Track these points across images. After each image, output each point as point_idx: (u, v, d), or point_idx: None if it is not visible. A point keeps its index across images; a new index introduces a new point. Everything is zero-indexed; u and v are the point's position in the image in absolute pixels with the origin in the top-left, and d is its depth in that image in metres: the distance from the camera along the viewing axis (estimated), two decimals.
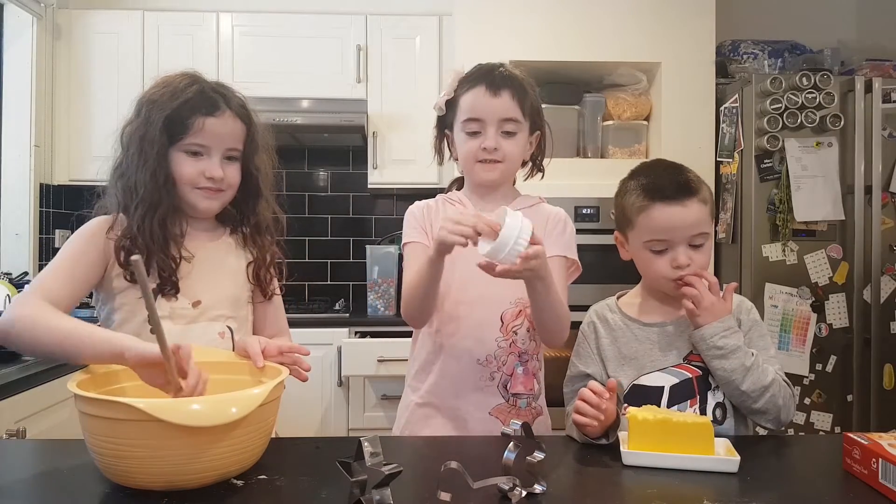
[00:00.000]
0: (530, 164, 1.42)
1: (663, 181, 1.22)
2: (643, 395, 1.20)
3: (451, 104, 1.36)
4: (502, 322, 1.32)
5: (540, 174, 1.44)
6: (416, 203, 1.42)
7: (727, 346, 1.14)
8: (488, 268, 1.12)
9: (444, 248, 1.15)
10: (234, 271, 1.26)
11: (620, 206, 1.28)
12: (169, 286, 1.16)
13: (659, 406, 1.18)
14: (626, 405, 1.21)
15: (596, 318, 1.31)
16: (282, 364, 1.09)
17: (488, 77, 1.33)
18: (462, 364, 1.32)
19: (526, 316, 1.32)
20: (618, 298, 1.34)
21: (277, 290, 1.34)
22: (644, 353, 1.24)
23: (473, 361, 1.31)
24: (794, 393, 1.19)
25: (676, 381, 1.21)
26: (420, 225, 1.37)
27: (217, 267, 1.24)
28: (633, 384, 1.23)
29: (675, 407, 1.19)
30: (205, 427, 0.82)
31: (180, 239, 1.20)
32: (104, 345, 0.98)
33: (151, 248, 1.14)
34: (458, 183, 1.47)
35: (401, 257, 1.56)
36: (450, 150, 1.42)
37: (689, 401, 1.20)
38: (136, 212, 1.15)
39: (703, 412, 1.19)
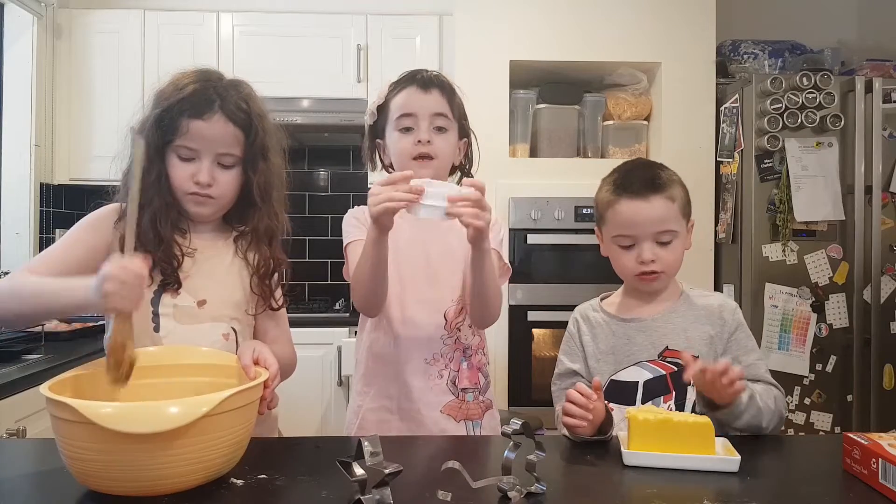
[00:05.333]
0: (459, 173, 1.43)
1: (632, 177, 1.24)
2: (619, 391, 1.22)
3: (381, 110, 1.38)
4: (446, 320, 1.35)
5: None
6: (356, 207, 1.43)
7: (741, 410, 1.12)
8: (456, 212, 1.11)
9: (381, 217, 1.14)
10: (238, 274, 1.24)
11: (595, 202, 1.31)
12: (171, 281, 1.16)
13: (634, 402, 1.21)
14: (606, 402, 1.21)
15: (579, 316, 1.34)
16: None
17: (417, 76, 1.36)
18: (410, 365, 1.34)
19: (467, 312, 1.35)
20: (602, 299, 1.36)
21: (281, 302, 1.29)
22: (620, 347, 1.26)
23: (421, 361, 1.34)
24: (780, 388, 1.21)
25: (650, 376, 1.23)
26: (363, 224, 1.36)
27: (221, 268, 1.23)
28: (611, 379, 1.25)
29: (650, 402, 1.21)
30: (135, 434, 0.78)
31: (182, 235, 1.18)
32: (70, 296, 1.01)
33: (147, 247, 1.12)
34: None
35: None
36: (381, 159, 1.44)
37: (663, 396, 1.21)
38: (128, 208, 1.13)
39: (680, 408, 1.21)
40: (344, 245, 1.39)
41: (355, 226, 1.38)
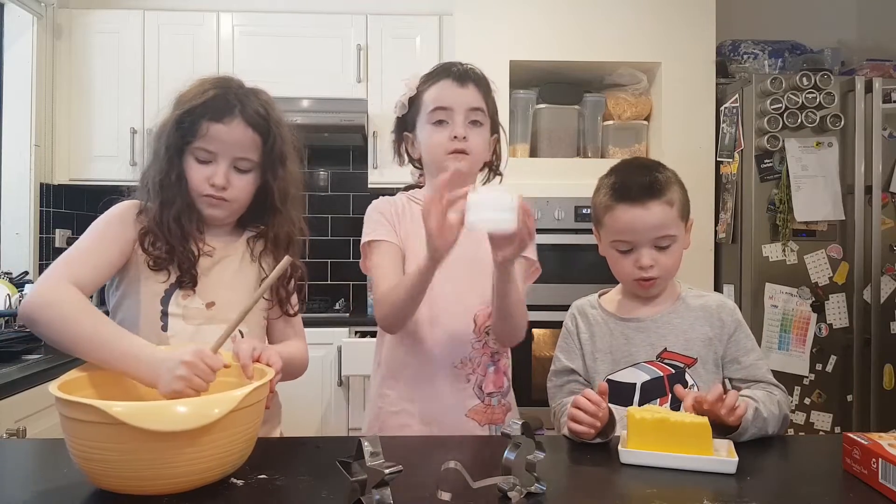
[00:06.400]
0: (487, 169, 1.39)
1: (629, 182, 1.22)
2: (616, 392, 1.21)
3: (413, 102, 1.35)
4: (475, 324, 1.32)
5: (498, 178, 1.42)
6: (381, 199, 1.37)
7: (746, 428, 1.09)
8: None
9: (438, 255, 1.10)
10: (249, 278, 1.24)
11: (593, 204, 1.29)
12: (188, 279, 1.16)
13: (630, 403, 1.20)
14: None
15: (577, 313, 1.33)
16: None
17: (454, 69, 1.32)
18: (437, 368, 1.31)
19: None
20: (600, 296, 1.35)
21: (297, 308, 1.28)
22: (618, 347, 1.26)
23: (449, 365, 1.31)
24: (782, 387, 1.20)
25: (648, 378, 1.22)
26: (389, 221, 1.33)
27: (233, 271, 1.23)
28: (608, 379, 1.24)
29: (646, 405, 1.19)
30: (162, 432, 0.79)
31: (199, 235, 1.19)
32: (131, 365, 0.98)
33: (171, 241, 1.14)
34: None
35: None
36: (408, 153, 1.39)
37: (659, 399, 1.21)
38: (153, 206, 1.15)
39: (676, 410, 1.19)
40: (363, 241, 1.33)
41: (379, 222, 1.33)
